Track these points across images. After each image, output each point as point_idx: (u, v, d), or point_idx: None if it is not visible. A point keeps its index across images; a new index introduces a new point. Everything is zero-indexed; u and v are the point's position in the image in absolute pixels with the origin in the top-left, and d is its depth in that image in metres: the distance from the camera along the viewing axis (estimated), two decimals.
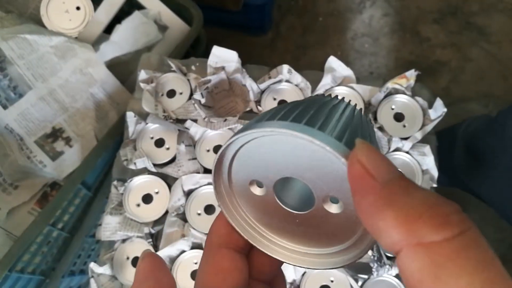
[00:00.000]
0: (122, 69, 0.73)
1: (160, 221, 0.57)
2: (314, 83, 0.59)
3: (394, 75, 0.57)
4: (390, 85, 0.56)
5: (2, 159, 0.69)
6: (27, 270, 0.66)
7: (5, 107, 0.69)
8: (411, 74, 0.55)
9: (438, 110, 0.53)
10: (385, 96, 0.57)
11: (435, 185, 0.54)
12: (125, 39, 0.71)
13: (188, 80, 0.62)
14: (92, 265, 0.54)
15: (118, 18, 0.74)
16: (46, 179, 0.70)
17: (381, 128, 0.56)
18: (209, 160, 0.58)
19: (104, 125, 0.70)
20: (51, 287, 0.70)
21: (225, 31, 1.09)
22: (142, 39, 0.71)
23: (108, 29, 0.75)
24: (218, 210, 0.56)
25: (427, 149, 0.54)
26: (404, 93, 0.56)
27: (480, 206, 0.83)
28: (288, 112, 0.17)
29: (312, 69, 0.62)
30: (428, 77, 1.09)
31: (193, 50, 0.77)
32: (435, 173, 0.54)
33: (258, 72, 0.62)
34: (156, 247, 0.55)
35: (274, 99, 0.60)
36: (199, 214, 0.56)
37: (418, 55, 1.11)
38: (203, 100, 0.60)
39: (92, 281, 0.54)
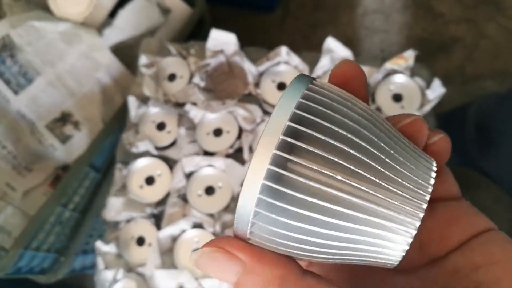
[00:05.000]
0: (127, 53, 0.74)
1: (162, 201, 0.59)
2: (312, 65, 0.59)
3: None
4: (388, 65, 0.55)
5: (16, 143, 0.72)
6: (42, 248, 0.69)
7: (16, 93, 0.71)
8: (410, 54, 0.54)
9: (436, 90, 0.52)
10: (384, 77, 0.56)
11: None
12: (128, 23, 0.71)
13: (188, 64, 0.63)
14: (98, 243, 0.57)
15: (122, 2, 0.75)
16: (58, 162, 0.73)
17: (378, 109, 0.55)
18: (209, 143, 0.59)
19: (110, 108, 0.72)
20: (66, 264, 0.74)
21: (233, 10, 1.08)
22: (144, 23, 0.72)
23: (113, 14, 0.76)
24: (218, 191, 0.57)
25: None
26: (402, 73, 0.55)
27: (492, 187, 0.81)
28: None
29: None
30: (441, 55, 1.06)
31: (199, 32, 0.78)
32: None
33: (257, 54, 0.62)
34: (158, 227, 0.58)
35: (273, 81, 0.60)
36: (199, 195, 0.58)
37: (432, 32, 1.08)
38: (202, 84, 0.60)
39: (99, 258, 0.57)
